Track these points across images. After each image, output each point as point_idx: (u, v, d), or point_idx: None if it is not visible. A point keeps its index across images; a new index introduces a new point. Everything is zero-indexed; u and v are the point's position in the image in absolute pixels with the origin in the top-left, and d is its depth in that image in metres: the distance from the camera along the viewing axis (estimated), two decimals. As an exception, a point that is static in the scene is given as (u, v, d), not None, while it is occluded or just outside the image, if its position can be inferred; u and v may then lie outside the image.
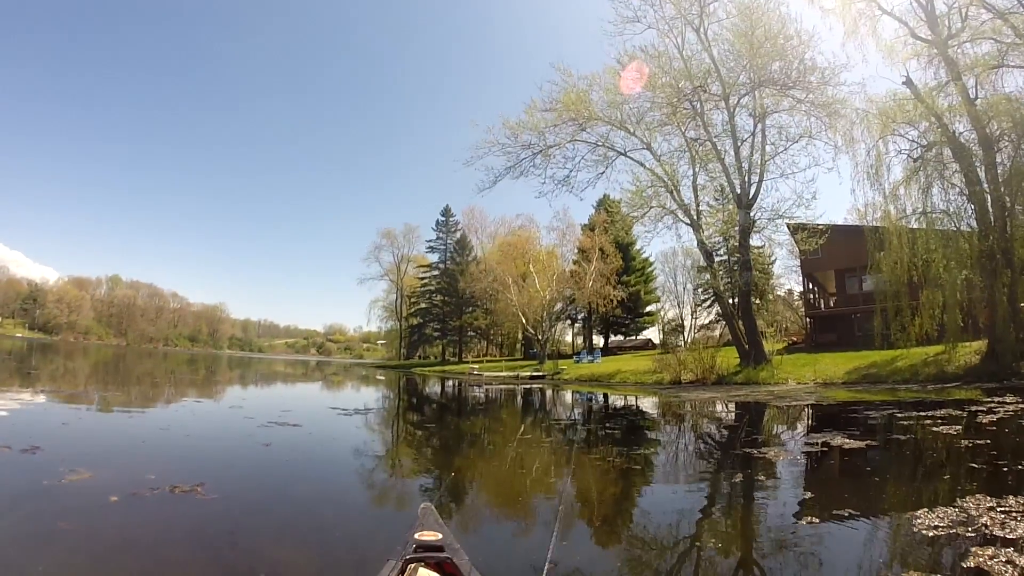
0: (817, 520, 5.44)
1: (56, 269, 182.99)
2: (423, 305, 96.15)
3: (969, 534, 4.63)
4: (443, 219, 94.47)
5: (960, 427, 10.84)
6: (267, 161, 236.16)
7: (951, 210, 24.68)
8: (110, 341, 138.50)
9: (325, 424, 13.99)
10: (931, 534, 4.71)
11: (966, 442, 9.40)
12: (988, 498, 5.61)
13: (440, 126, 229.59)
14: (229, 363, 60.98)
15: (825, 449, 9.38)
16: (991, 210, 23.44)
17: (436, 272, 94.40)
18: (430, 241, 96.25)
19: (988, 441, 9.45)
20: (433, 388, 36.13)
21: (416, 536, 3.29)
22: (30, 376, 23.24)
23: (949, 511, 5.23)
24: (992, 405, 13.63)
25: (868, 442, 9.82)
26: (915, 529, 4.86)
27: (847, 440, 9.83)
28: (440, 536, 3.31)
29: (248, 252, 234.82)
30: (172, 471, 6.97)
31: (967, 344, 23.98)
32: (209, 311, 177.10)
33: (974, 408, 13.42)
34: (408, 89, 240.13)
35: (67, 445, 8.50)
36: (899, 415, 13.49)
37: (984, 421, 11.39)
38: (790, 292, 69.75)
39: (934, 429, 10.71)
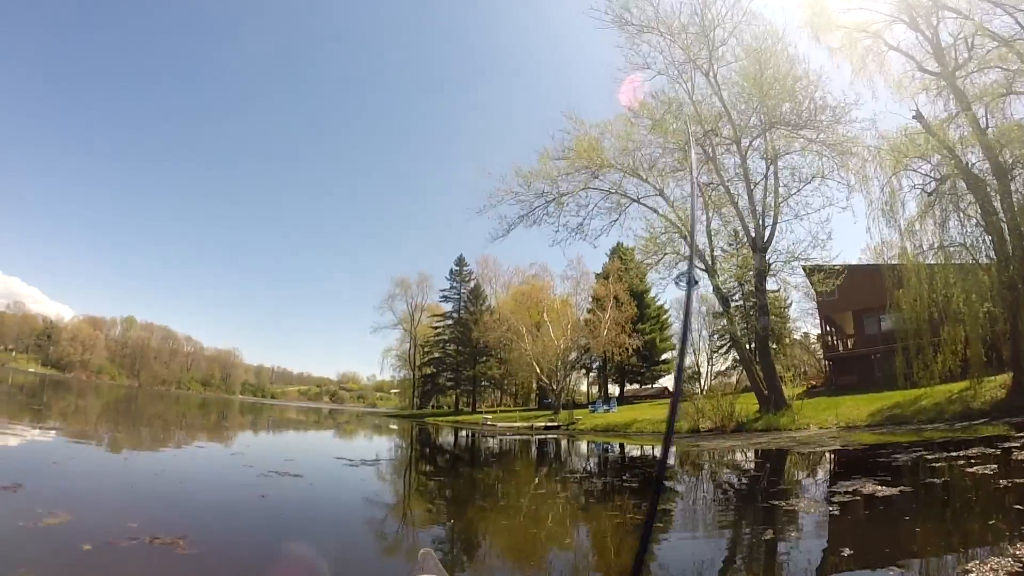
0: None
1: (72, 307, 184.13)
2: (436, 355, 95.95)
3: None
4: (457, 268, 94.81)
5: (996, 466, 10.23)
6: (283, 209, 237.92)
7: (968, 243, 24.16)
8: (122, 381, 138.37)
9: (329, 475, 13.47)
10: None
11: (1005, 482, 8.81)
12: (1043, 543, 5.11)
13: (454, 175, 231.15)
14: (240, 408, 60.79)
15: (857, 498, 8.75)
16: (1009, 240, 22.96)
17: (450, 321, 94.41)
18: (444, 290, 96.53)
19: (1028, 479, 8.92)
20: (446, 438, 35.65)
21: None
22: (36, 412, 22.98)
23: (1003, 561, 4.73)
24: (1025, 440, 13.03)
25: (901, 488, 9.18)
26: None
27: (878, 487, 9.23)
28: None
29: (262, 299, 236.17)
30: (157, 519, 6.57)
31: (992, 379, 23.35)
32: (222, 356, 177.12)
33: (1007, 445, 12.82)
34: (423, 138, 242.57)
35: (53, 485, 8.14)
36: (929, 457, 12.81)
37: (1020, 458, 10.83)
38: (806, 335, 69.23)
39: (968, 470, 10.11)
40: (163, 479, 9.92)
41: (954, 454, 12.26)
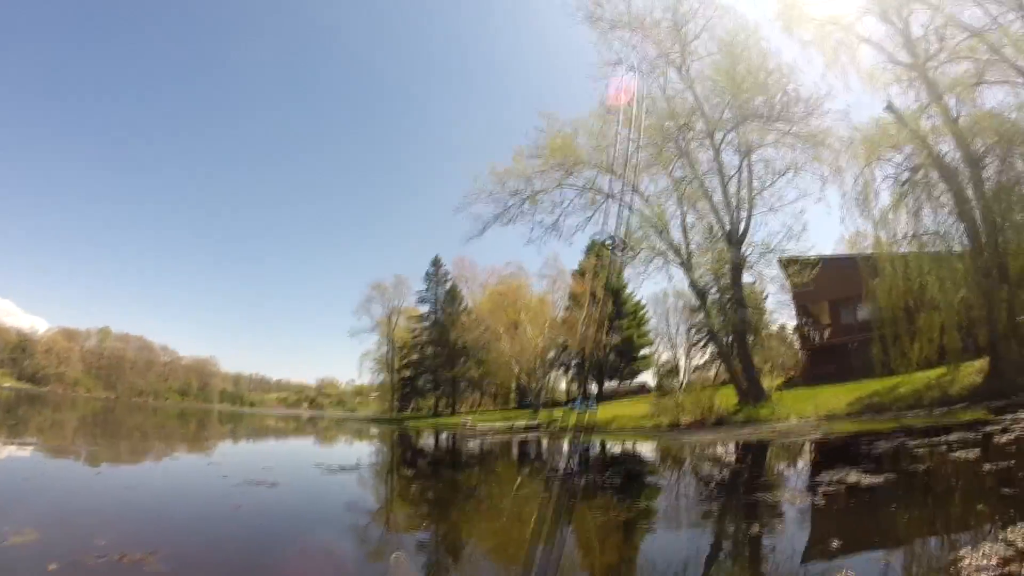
0: (852, 574, 4.81)
1: (47, 319, 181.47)
2: (415, 357, 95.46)
3: (1026, 572, 4.06)
4: (432, 270, 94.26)
5: (978, 450, 10.25)
6: (257, 215, 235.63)
7: (942, 231, 24.42)
8: (99, 393, 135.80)
9: (307, 483, 13.27)
10: (986, 576, 4.13)
11: (989, 466, 8.82)
12: (1032, 526, 5.05)
13: (429, 177, 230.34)
14: (219, 418, 60.09)
15: (842, 488, 8.68)
16: (982, 227, 23.14)
17: (427, 324, 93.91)
18: (420, 292, 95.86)
19: (1012, 463, 8.89)
20: (426, 441, 35.45)
21: None
22: (11, 427, 22.61)
23: (996, 547, 4.66)
24: (1006, 424, 12.99)
25: (885, 476, 9.18)
26: (965, 572, 4.27)
27: (863, 476, 9.17)
28: None
29: (238, 306, 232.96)
30: (127, 535, 6.38)
31: (969, 364, 23.49)
32: (199, 364, 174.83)
33: (987, 429, 12.86)
34: (397, 142, 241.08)
35: (23, 502, 7.98)
36: (911, 443, 12.76)
37: (1002, 441, 10.86)
38: (783, 327, 69.41)
39: (952, 455, 10.14)
40: (136, 493, 9.72)
41: (935, 440, 12.26)
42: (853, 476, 9.22)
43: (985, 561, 4.39)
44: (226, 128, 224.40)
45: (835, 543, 6.00)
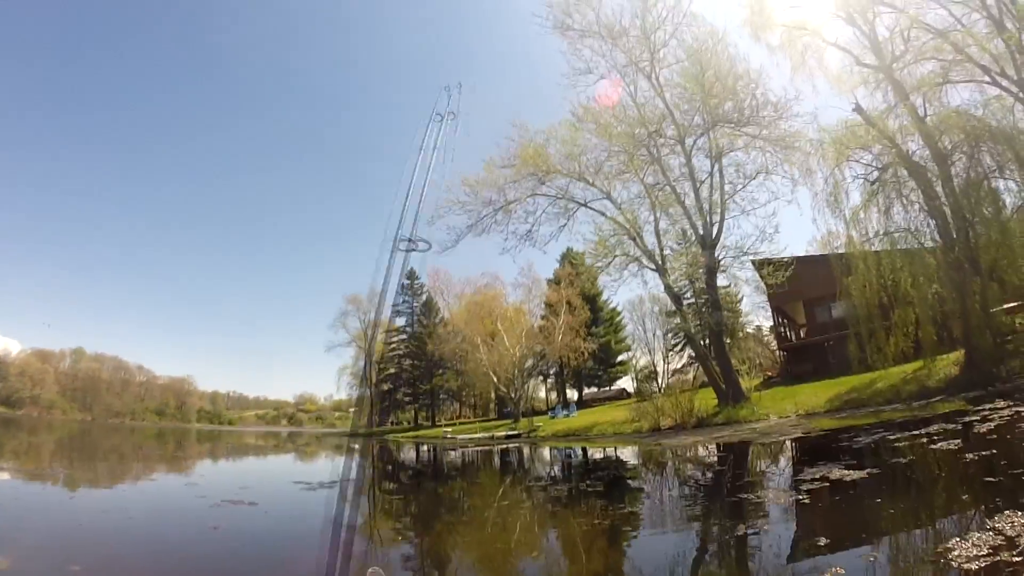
0: (844, 571, 4.82)
1: (20, 341, 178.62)
2: (392, 370, 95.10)
3: (1016, 558, 4.11)
4: (407, 282, 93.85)
5: (959, 441, 10.34)
6: (228, 231, 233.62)
7: (913, 228, 24.74)
8: (75, 415, 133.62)
9: (286, 501, 13.09)
10: (976, 566, 4.17)
11: (972, 455, 8.88)
12: (1018, 513, 5.10)
13: (401, 189, 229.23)
14: (197, 437, 59.51)
15: (825, 484, 8.69)
16: (952, 222, 23.48)
17: (404, 336, 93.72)
18: (396, 305, 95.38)
19: (993, 451, 8.95)
20: (407, 454, 35.36)
21: None
22: None
23: (985, 536, 4.70)
24: (985, 413, 13.09)
25: (869, 471, 9.19)
26: (955, 563, 4.31)
27: (846, 471, 9.21)
28: None
29: (213, 323, 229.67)
30: (101, 561, 6.30)
31: (945, 356, 23.77)
32: (176, 384, 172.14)
33: (966, 419, 12.95)
34: (367, 151, 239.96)
35: (-5, 529, 7.70)
36: (891, 437, 12.85)
37: (982, 431, 10.91)
38: (759, 328, 69.92)
39: (933, 447, 10.18)
40: (111, 516, 9.57)
41: (916, 432, 12.34)
42: (836, 472, 9.25)
43: (975, 550, 4.43)
44: (196, 144, 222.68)
45: (822, 540, 5.98)
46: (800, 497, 8.10)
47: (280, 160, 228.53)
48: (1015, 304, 22.54)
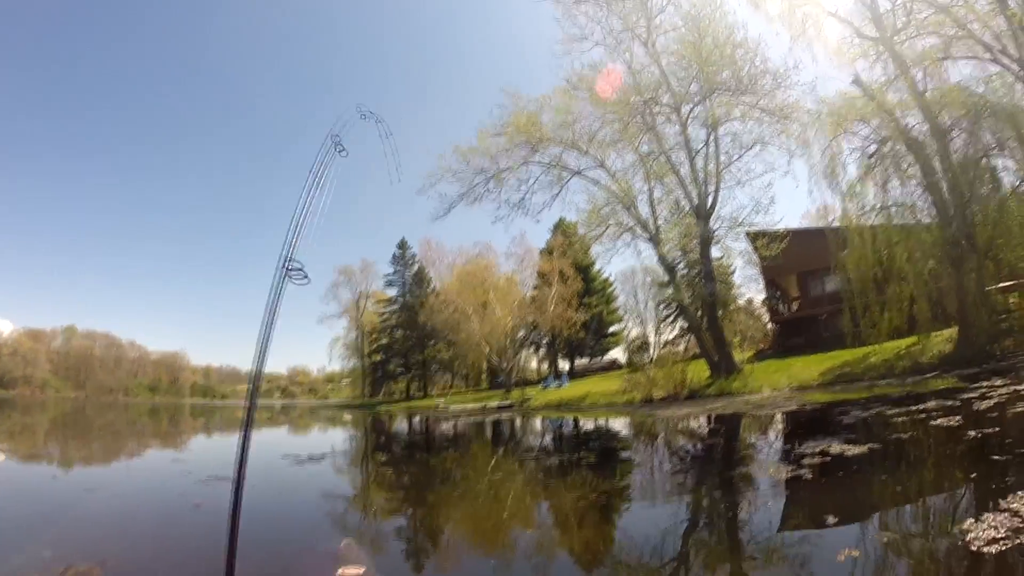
0: (856, 552, 4.64)
1: (12, 321, 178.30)
2: (384, 341, 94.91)
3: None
4: (399, 252, 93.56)
5: (959, 418, 10.17)
6: (216, 202, 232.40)
7: (910, 203, 24.66)
8: (68, 394, 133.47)
9: (273, 475, 12.72)
10: (996, 549, 4.00)
11: (974, 433, 8.69)
12: (1031, 492, 4.95)
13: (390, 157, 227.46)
14: (190, 412, 59.35)
15: (827, 459, 8.52)
16: (949, 198, 23.34)
17: (395, 307, 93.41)
18: (388, 276, 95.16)
19: (996, 429, 8.80)
20: (399, 426, 35.23)
21: (341, 572, 3.39)
22: None
23: (1000, 517, 4.53)
24: (983, 391, 12.94)
25: (870, 446, 9.01)
26: (974, 547, 4.12)
27: (846, 446, 9.04)
28: (364, 569, 3.40)
29: (204, 296, 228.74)
30: (78, 544, 6.07)
31: (939, 333, 23.72)
32: (169, 359, 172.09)
33: (965, 396, 12.76)
34: (355, 122, 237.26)
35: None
36: (889, 412, 12.71)
37: (981, 408, 10.76)
38: (750, 301, 69.88)
39: (933, 424, 10.03)
40: (94, 496, 9.35)
41: (913, 408, 12.20)
42: (836, 447, 9.10)
43: (994, 532, 4.27)
44: (183, 123, 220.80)
45: (830, 518, 5.77)
46: (802, 472, 7.90)
47: (269, 129, 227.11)
48: (1011, 283, 22.40)
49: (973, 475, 6.63)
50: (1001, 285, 22.63)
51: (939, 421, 10.04)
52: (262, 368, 4.13)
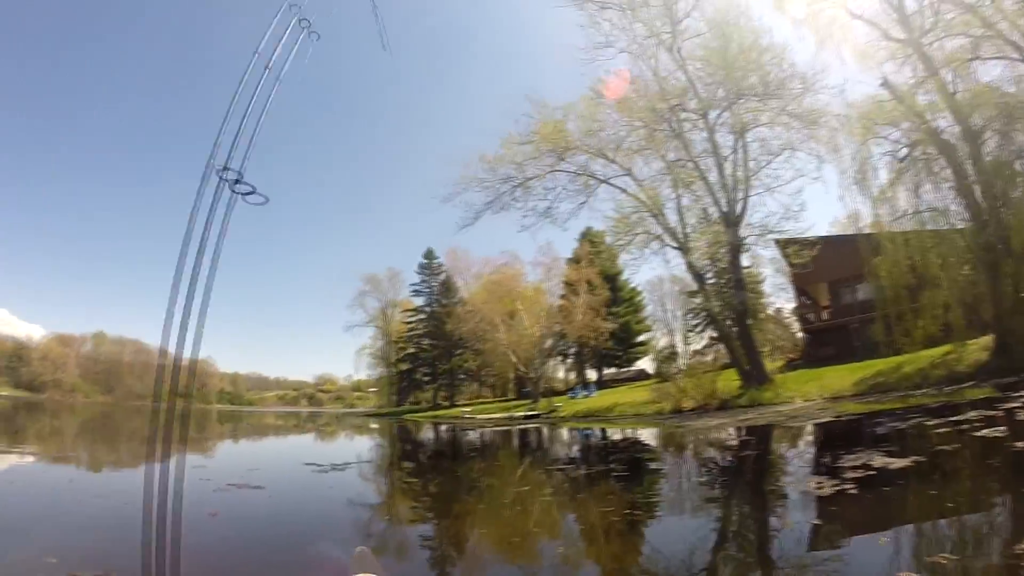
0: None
1: (43, 326, 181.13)
2: (411, 350, 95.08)
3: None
4: (426, 261, 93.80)
5: (1004, 428, 9.85)
6: (245, 211, 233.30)
7: (942, 207, 24.27)
8: (97, 398, 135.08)
9: (294, 484, 12.50)
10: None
11: (1022, 445, 8.41)
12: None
13: (418, 168, 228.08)
14: (217, 417, 59.60)
15: (871, 472, 8.14)
16: (982, 202, 22.91)
17: (422, 316, 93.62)
18: (414, 285, 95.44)
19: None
20: (425, 435, 35.06)
21: None
22: None
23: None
24: (1025, 400, 12.62)
25: (913, 458, 8.69)
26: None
27: (888, 459, 8.71)
28: None
29: (233, 305, 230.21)
30: (84, 551, 5.87)
31: (974, 341, 23.21)
32: (196, 366, 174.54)
33: (1006, 406, 12.43)
34: (385, 132, 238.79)
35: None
36: (929, 423, 12.35)
37: (1024, 419, 10.46)
38: (779, 310, 69.23)
39: (975, 435, 9.70)
40: (106, 502, 9.11)
41: (953, 419, 11.87)
42: (878, 459, 8.76)
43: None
44: (212, 127, 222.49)
45: (880, 537, 5.53)
46: (846, 487, 7.52)
47: (298, 142, 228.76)
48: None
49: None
50: (1039, 290, 22.16)
51: (982, 432, 9.70)
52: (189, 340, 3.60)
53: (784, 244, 33.74)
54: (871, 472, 8.21)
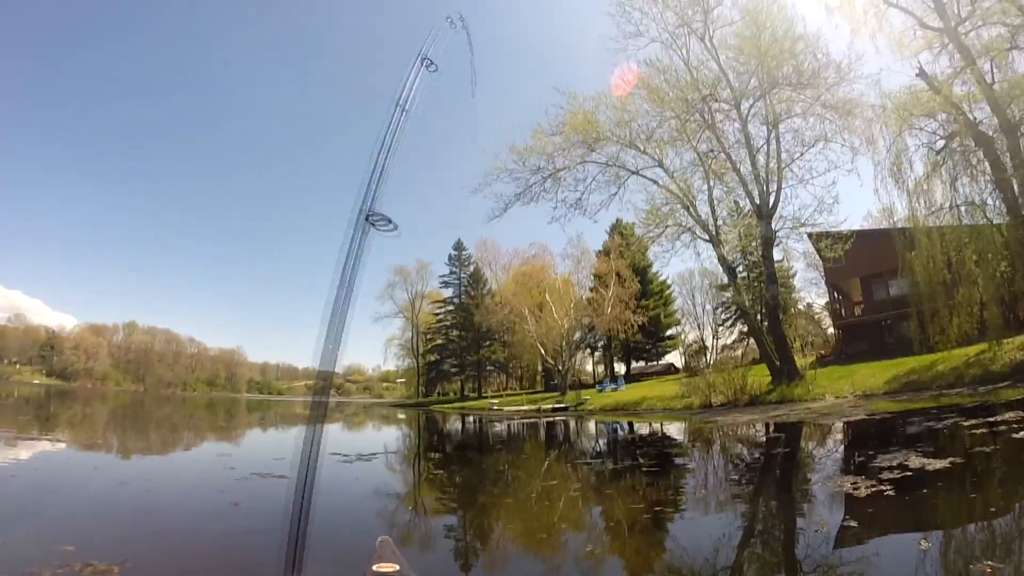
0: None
1: (75, 316, 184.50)
2: (439, 341, 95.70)
3: None
4: (455, 253, 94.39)
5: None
6: (277, 205, 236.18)
7: (980, 201, 23.64)
8: (128, 387, 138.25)
9: (318, 475, 12.44)
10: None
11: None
12: None
13: (448, 158, 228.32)
14: (246, 407, 60.10)
15: (908, 473, 7.91)
16: (1020, 196, 22.42)
17: (451, 307, 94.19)
18: (443, 276, 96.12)
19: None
20: (452, 426, 35.08)
21: (374, 568, 3.35)
22: (23, 422, 22.42)
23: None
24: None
25: (951, 460, 8.44)
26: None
27: (926, 460, 8.48)
28: (397, 567, 3.35)
29: (263, 296, 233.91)
30: (101, 540, 5.76)
31: (1011, 340, 22.63)
32: (226, 355, 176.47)
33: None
34: (414, 123, 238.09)
35: (-1, 502, 7.38)
36: (966, 424, 12.01)
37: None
38: (809, 306, 68.68)
39: (1015, 436, 9.45)
40: (127, 489, 9.06)
41: (991, 420, 11.59)
42: (914, 460, 8.54)
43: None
44: (242, 119, 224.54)
45: (923, 543, 5.28)
46: (883, 488, 7.30)
47: (327, 132, 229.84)
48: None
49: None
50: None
51: (1021, 435, 9.41)
52: (338, 350, 3.76)
53: (817, 238, 33.37)
54: (908, 473, 7.98)
